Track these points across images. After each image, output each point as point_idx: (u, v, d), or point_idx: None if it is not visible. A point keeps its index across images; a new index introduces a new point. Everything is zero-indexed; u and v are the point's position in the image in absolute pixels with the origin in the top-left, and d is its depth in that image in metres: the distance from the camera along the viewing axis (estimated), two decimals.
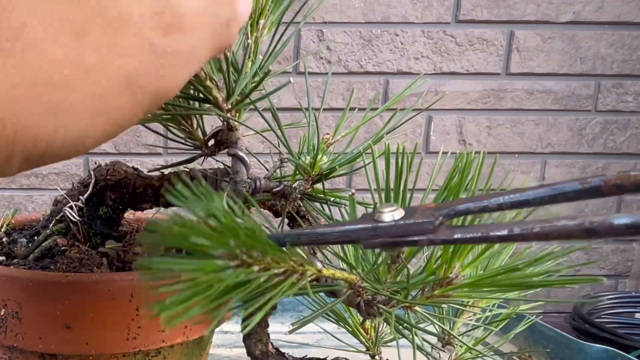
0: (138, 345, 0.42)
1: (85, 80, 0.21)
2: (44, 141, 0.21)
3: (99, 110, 0.22)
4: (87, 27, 0.21)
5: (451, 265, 0.32)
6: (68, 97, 0.20)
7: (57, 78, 0.20)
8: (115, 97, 0.22)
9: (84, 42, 0.21)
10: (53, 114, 0.20)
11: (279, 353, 0.44)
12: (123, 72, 0.22)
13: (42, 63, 0.20)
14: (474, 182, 0.32)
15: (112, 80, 0.21)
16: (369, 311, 0.35)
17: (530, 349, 0.68)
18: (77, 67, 0.20)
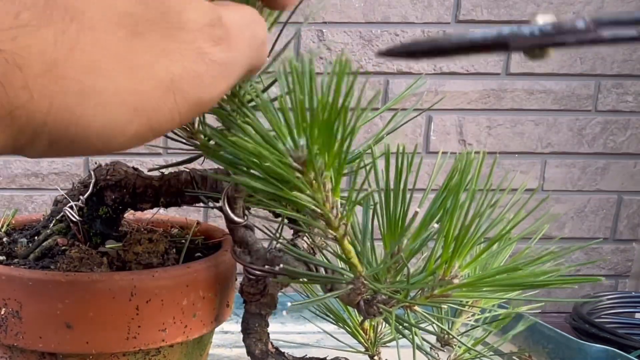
0: (138, 344, 0.42)
1: (130, 75, 0.21)
2: (76, 126, 0.21)
3: (137, 107, 0.22)
4: (145, 27, 0.21)
5: (451, 265, 0.32)
6: (110, 87, 0.21)
7: (104, 67, 0.20)
8: (155, 97, 0.22)
9: (139, 39, 0.21)
10: (92, 100, 0.20)
11: (279, 352, 0.44)
12: (168, 74, 0.22)
13: (93, 49, 0.20)
14: (473, 182, 0.32)
15: (155, 80, 0.22)
16: (368, 311, 0.35)
17: (530, 349, 0.68)
18: (126, 61, 0.21)
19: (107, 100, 0.21)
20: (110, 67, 0.20)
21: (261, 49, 0.28)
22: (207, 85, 0.24)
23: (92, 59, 0.20)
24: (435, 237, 0.33)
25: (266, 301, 0.43)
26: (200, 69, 0.23)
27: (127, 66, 0.21)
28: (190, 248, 0.52)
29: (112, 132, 0.22)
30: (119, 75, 0.21)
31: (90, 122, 0.21)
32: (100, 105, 0.21)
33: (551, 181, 1.03)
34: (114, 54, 0.20)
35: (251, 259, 0.42)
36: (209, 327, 0.47)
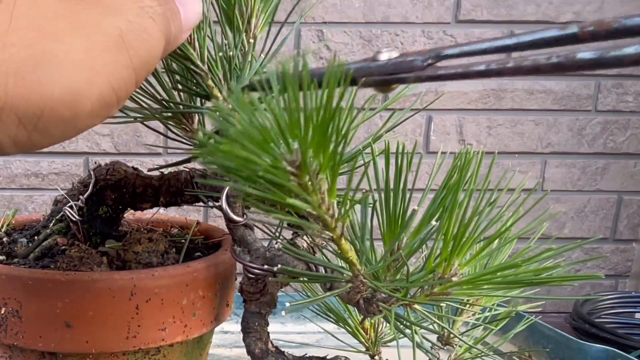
0: (138, 343, 0.42)
1: (78, 33, 0.21)
2: (39, 95, 0.20)
3: (93, 65, 0.21)
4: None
5: (450, 263, 0.32)
6: (60, 48, 0.20)
7: (49, 29, 0.20)
8: (107, 53, 0.22)
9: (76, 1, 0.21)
10: (46, 64, 0.20)
11: (279, 352, 0.44)
12: (116, 29, 0.22)
13: (33, 12, 0.20)
14: (472, 181, 0.32)
15: (104, 36, 0.21)
16: (368, 309, 0.35)
17: (530, 349, 0.68)
18: (69, 20, 0.21)
19: (61, 62, 0.20)
20: (56, 28, 0.20)
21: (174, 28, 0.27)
22: (155, 38, 0.24)
23: (35, 23, 0.20)
24: (435, 235, 0.33)
25: (266, 300, 0.43)
26: (146, 23, 0.23)
27: (72, 25, 0.21)
28: (190, 248, 0.52)
29: (76, 96, 0.21)
30: (67, 36, 0.20)
31: (50, 88, 0.20)
32: (56, 68, 0.20)
33: (551, 181, 1.03)
34: (55, 14, 0.20)
35: (251, 258, 0.42)
36: (208, 327, 0.47)
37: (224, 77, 0.39)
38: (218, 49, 0.40)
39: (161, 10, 0.24)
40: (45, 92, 0.20)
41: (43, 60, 0.20)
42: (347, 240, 0.34)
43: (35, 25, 0.20)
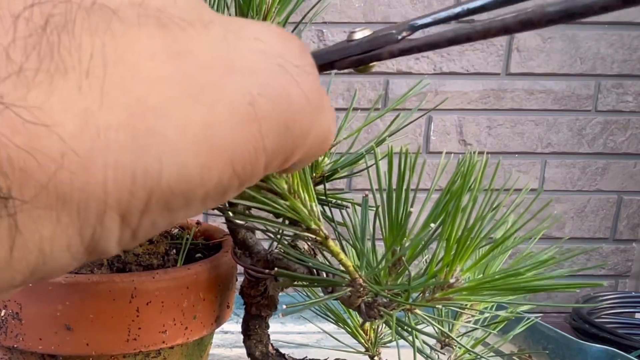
0: (138, 346, 0.42)
1: (193, 104, 0.15)
2: (144, 190, 0.15)
3: (213, 145, 0.16)
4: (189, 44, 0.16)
5: (452, 268, 0.32)
6: (170, 125, 0.15)
7: (154, 101, 0.15)
8: (233, 129, 0.16)
9: (184, 60, 0.16)
10: (152, 149, 0.15)
11: (279, 354, 0.44)
12: (244, 95, 0.16)
13: (131, 81, 0.15)
14: (476, 185, 0.32)
15: (229, 105, 0.16)
16: (369, 313, 0.35)
17: (530, 350, 0.68)
18: (181, 86, 0.15)
19: (172, 142, 0.15)
20: (163, 99, 0.15)
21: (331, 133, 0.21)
22: (297, 109, 0.18)
23: (135, 94, 0.15)
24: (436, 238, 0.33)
25: (266, 303, 0.43)
26: (289, 87, 0.17)
27: (186, 93, 0.15)
28: (190, 248, 0.51)
29: (189, 184, 0.16)
30: (178, 108, 0.15)
31: (158, 177, 0.15)
32: (165, 154, 0.15)
33: (551, 181, 1.03)
34: (161, 80, 0.15)
35: (252, 261, 0.42)
36: (209, 329, 0.47)
37: None
38: None
39: (311, 71, 0.19)
40: (151, 184, 0.15)
41: (148, 143, 0.15)
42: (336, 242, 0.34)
43: (135, 98, 0.15)
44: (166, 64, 0.15)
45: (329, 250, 0.35)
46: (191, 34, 0.16)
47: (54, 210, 0.14)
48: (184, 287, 0.43)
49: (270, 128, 0.17)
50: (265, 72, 0.17)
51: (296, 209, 0.34)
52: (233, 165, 0.16)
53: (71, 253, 0.15)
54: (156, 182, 0.15)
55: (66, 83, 0.14)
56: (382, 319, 0.34)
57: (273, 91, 0.17)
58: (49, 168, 0.14)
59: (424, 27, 0.23)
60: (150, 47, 0.15)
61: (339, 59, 0.24)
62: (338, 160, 0.41)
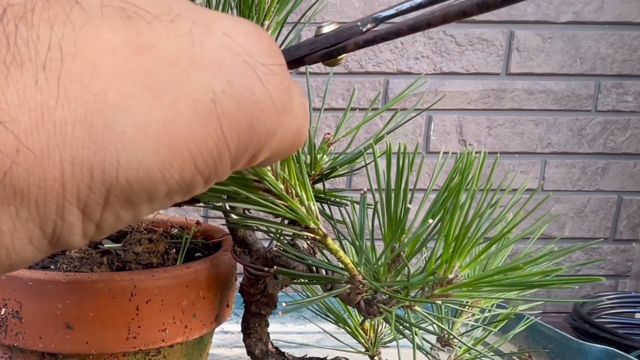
0: (138, 344, 0.42)
1: (153, 100, 0.15)
2: (102, 185, 0.15)
3: (173, 143, 0.16)
4: (152, 39, 0.16)
5: (451, 264, 0.32)
6: (129, 121, 0.15)
7: (114, 96, 0.15)
8: (194, 127, 0.16)
9: (147, 56, 0.15)
10: (110, 146, 0.15)
11: (279, 352, 0.44)
12: (206, 93, 0.16)
13: (89, 75, 0.14)
14: (474, 182, 0.32)
15: (190, 103, 0.16)
16: (369, 310, 0.35)
17: (530, 349, 0.68)
18: (142, 81, 0.15)
19: (130, 139, 0.15)
20: (123, 94, 0.15)
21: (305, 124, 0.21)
22: (262, 109, 0.17)
23: (94, 89, 0.14)
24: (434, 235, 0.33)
25: (266, 301, 0.43)
26: (253, 84, 0.17)
27: (146, 88, 0.15)
28: (190, 248, 0.52)
29: (149, 181, 0.16)
30: (138, 104, 0.15)
31: (116, 174, 0.15)
32: (123, 150, 0.15)
33: (551, 181, 1.03)
34: (121, 75, 0.15)
35: (251, 259, 0.42)
36: (209, 327, 0.47)
37: None
38: None
39: (279, 70, 0.18)
40: (110, 179, 0.15)
41: (105, 139, 0.15)
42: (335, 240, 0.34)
43: (93, 93, 0.14)
44: (127, 59, 0.15)
45: (328, 248, 0.35)
46: (156, 27, 0.16)
47: (12, 205, 0.14)
48: (183, 286, 0.43)
49: (233, 126, 0.17)
50: (231, 69, 0.16)
51: (294, 208, 0.34)
52: (195, 162, 0.16)
53: (34, 246, 0.15)
54: (114, 178, 0.15)
55: (22, 76, 0.14)
56: (381, 316, 0.34)
57: (237, 89, 0.16)
58: (3, 164, 0.14)
59: (388, 18, 0.24)
60: (111, 40, 0.15)
61: (308, 53, 0.24)
62: (337, 158, 0.41)
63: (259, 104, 0.17)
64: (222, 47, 0.17)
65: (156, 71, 0.15)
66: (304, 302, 0.36)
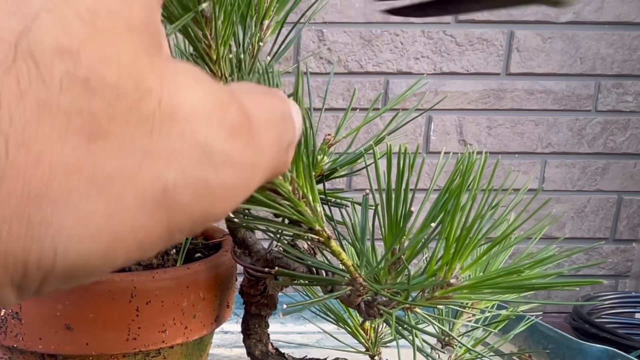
0: (138, 345, 0.42)
1: (100, 193, 0.15)
2: (39, 270, 0.15)
3: (117, 234, 0.15)
4: (109, 125, 0.15)
5: (452, 267, 0.32)
6: (69, 216, 0.15)
7: (56, 191, 0.14)
8: (142, 218, 0.16)
9: (100, 144, 0.15)
10: (47, 239, 0.15)
11: (279, 353, 0.44)
12: (158, 183, 0.16)
13: (33, 169, 0.14)
14: (475, 183, 0.32)
15: (140, 196, 0.15)
16: (369, 312, 0.35)
17: (530, 349, 0.68)
18: (90, 172, 0.15)
19: (69, 233, 0.15)
20: (65, 189, 0.14)
21: (285, 153, 0.21)
22: (217, 197, 0.17)
23: (34, 183, 0.14)
24: (435, 237, 0.33)
25: (266, 302, 0.43)
26: (208, 174, 0.16)
27: (93, 180, 0.15)
28: (190, 249, 0.51)
29: (89, 266, 0.15)
30: (80, 197, 0.15)
31: (52, 264, 0.15)
32: (61, 243, 0.15)
33: (551, 181, 1.03)
34: (66, 168, 0.14)
35: (251, 260, 0.42)
36: (209, 328, 0.47)
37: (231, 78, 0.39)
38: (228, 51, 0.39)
39: (240, 155, 0.17)
40: (46, 269, 0.15)
41: (42, 234, 0.14)
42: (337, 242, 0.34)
43: (34, 187, 0.14)
44: (77, 149, 0.15)
45: (330, 250, 0.35)
46: (117, 109, 0.15)
47: None
48: (183, 287, 0.43)
49: (185, 214, 0.16)
50: (186, 159, 0.16)
51: (301, 210, 0.34)
52: (142, 246, 0.16)
53: None
54: (50, 268, 0.15)
55: None
56: (381, 318, 0.34)
57: (191, 180, 0.16)
58: None
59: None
60: (63, 126, 0.14)
61: None
62: (337, 159, 0.41)
63: (214, 192, 0.17)
64: (181, 136, 0.16)
65: (105, 162, 0.15)
66: (304, 304, 0.36)
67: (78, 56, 0.14)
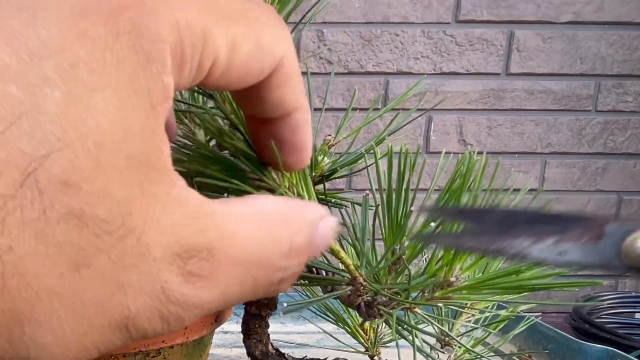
0: (138, 345, 0.42)
1: (74, 317, 0.17)
2: None
3: (84, 348, 0.18)
4: (93, 257, 0.17)
5: (452, 267, 0.32)
6: (47, 334, 0.17)
7: (39, 313, 0.17)
8: (106, 336, 0.18)
9: (83, 274, 0.17)
10: (22, 350, 0.17)
11: (279, 353, 0.44)
12: (124, 312, 0.18)
13: (23, 294, 0.16)
14: (476, 184, 0.32)
15: (107, 320, 0.18)
16: (369, 312, 0.35)
17: (530, 349, 0.68)
18: (67, 303, 0.17)
19: (43, 346, 0.17)
20: (48, 313, 0.17)
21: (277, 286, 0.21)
22: (169, 322, 0.19)
23: (22, 306, 0.16)
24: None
25: (266, 302, 0.43)
26: (162, 309, 0.19)
27: (72, 307, 0.17)
28: None
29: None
30: (58, 320, 0.17)
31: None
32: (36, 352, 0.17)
33: (551, 181, 1.03)
34: (50, 295, 0.17)
35: None
36: (209, 328, 0.47)
37: None
38: None
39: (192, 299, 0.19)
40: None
41: (21, 345, 0.17)
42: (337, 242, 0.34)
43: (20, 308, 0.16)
44: (63, 278, 0.17)
45: (330, 250, 0.34)
46: (103, 244, 0.17)
47: None
48: None
49: (140, 335, 0.19)
50: (148, 294, 0.18)
51: None
52: (100, 352, 0.19)
53: None
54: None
55: None
56: (381, 318, 0.34)
57: (149, 311, 0.18)
58: None
59: None
60: (54, 258, 0.16)
61: None
62: (337, 160, 0.41)
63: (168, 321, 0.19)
64: (148, 274, 0.18)
65: (85, 290, 0.17)
66: (303, 304, 0.35)
67: (79, 190, 0.16)
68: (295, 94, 0.23)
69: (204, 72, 0.20)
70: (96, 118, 0.17)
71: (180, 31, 0.18)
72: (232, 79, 0.21)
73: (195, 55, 0.19)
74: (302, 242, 0.21)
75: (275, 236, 0.21)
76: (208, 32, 0.19)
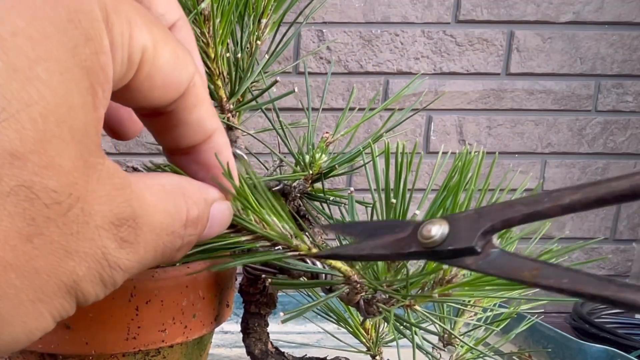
0: (138, 345, 0.42)
1: (28, 286, 0.18)
2: None
3: (39, 314, 0.19)
4: (43, 226, 0.18)
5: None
6: (6, 305, 0.18)
7: None
8: (59, 301, 0.20)
9: (35, 243, 0.18)
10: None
11: (279, 352, 0.44)
12: (72, 276, 0.20)
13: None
14: (472, 181, 0.32)
15: (58, 286, 0.19)
16: (368, 310, 0.35)
17: (530, 349, 0.68)
18: (22, 272, 0.18)
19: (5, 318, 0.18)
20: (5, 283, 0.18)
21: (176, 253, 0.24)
22: (106, 285, 0.22)
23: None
24: None
25: (266, 301, 0.43)
26: (102, 272, 0.21)
27: (26, 276, 0.18)
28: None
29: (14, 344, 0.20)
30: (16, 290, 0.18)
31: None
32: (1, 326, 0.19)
33: (551, 181, 1.03)
34: (6, 268, 0.18)
35: None
36: (209, 328, 0.47)
37: (229, 76, 0.39)
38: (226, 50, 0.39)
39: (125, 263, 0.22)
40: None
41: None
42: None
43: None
44: (16, 249, 0.18)
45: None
46: (52, 213, 0.18)
47: None
48: (183, 286, 0.43)
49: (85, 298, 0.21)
50: (92, 259, 0.20)
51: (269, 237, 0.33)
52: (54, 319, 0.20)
53: None
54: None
55: None
56: (381, 316, 0.34)
57: (92, 274, 0.20)
58: None
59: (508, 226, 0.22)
60: (7, 230, 0.17)
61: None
62: (336, 158, 0.41)
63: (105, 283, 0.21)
64: (90, 240, 0.20)
65: (37, 259, 0.18)
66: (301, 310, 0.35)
67: (27, 161, 0.17)
68: (212, 115, 0.25)
69: (135, 65, 0.21)
70: (40, 90, 0.17)
71: (109, 16, 0.19)
72: (156, 84, 0.22)
73: (125, 42, 0.20)
74: (196, 214, 0.24)
75: (177, 206, 0.23)
76: (134, 23, 0.20)
